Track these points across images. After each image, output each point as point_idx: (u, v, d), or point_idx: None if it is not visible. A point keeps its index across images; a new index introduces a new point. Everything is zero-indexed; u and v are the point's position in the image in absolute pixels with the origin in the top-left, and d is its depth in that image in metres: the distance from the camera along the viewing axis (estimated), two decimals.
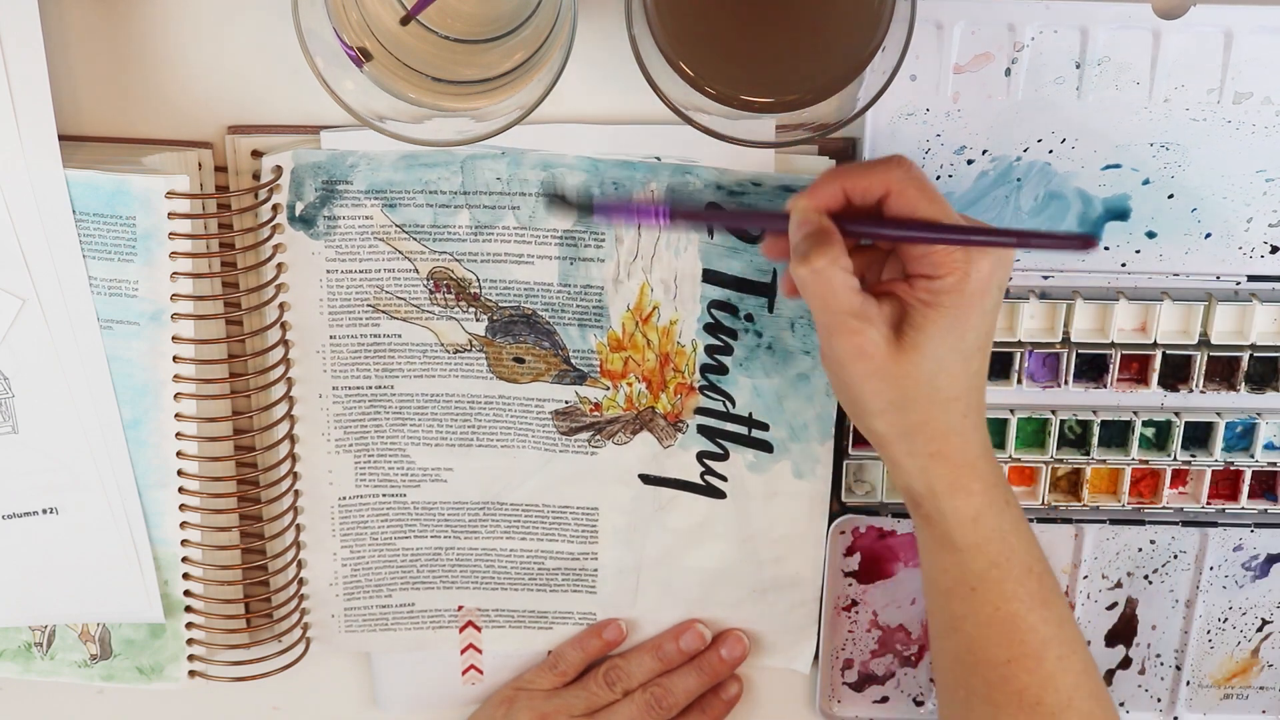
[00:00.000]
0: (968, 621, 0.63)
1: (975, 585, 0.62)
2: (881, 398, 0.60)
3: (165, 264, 0.66)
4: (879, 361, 0.59)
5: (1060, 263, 0.70)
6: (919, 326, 0.59)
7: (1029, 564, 0.62)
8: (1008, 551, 0.62)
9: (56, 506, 0.70)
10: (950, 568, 0.63)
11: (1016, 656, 0.62)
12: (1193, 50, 0.65)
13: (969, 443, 0.61)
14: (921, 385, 0.59)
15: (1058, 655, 0.62)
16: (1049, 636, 0.62)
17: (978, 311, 0.59)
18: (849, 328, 0.58)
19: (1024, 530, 0.63)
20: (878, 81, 0.57)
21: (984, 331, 0.60)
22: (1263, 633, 0.77)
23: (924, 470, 0.61)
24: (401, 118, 0.59)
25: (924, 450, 0.61)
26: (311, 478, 0.74)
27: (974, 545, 0.62)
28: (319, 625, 0.77)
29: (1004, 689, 0.62)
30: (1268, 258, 0.70)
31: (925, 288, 0.59)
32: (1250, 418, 0.72)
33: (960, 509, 0.61)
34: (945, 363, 0.59)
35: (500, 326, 0.71)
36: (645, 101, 0.57)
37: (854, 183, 0.59)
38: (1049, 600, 0.63)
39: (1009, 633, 0.62)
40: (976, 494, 0.61)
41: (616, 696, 0.76)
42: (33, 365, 0.67)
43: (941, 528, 0.62)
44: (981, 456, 0.62)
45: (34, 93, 0.62)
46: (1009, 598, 0.62)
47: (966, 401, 0.60)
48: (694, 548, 0.75)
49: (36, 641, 0.75)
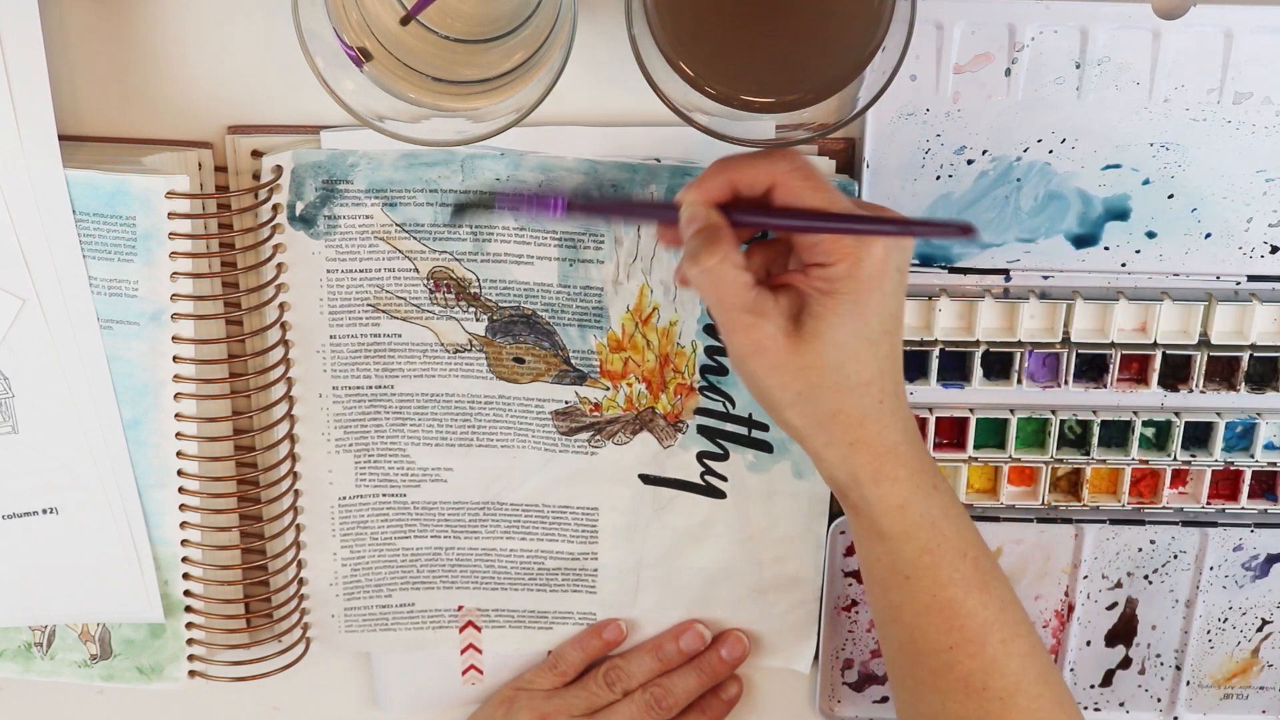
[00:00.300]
0: (905, 610, 0.62)
1: (909, 573, 0.61)
2: (789, 390, 0.59)
3: (165, 264, 0.66)
4: (778, 355, 0.58)
5: (1060, 263, 0.70)
6: (818, 315, 0.58)
7: (962, 548, 0.62)
8: (938, 537, 0.61)
9: (56, 506, 0.70)
10: (882, 556, 0.62)
11: (958, 643, 0.61)
12: (1193, 50, 0.65)
13: (887, 428, 0.60)
14: (828, 374, 0.59)
15: (1000, 639, 0.61)
16: (990, 620, 0.61)
17: (877, 295, 0.58)
18: (744, 324, 0.58)
19: (955, 514, 0.62)
20: (878, 81, 0.57)
21: (887, 314, 0.59)
22: (1263, 633, 0.77)
23: (845, 460, 0.60)
24: (401, 118, 0.59)
25: (842, 439, 0.60)
26: (311, 478, 0.74)
27: (903, 533, 0.61)
28: (319, 625, 0.77)
29: (948, 676, 0.62)
30: (1268, 258, 0.70)
31: (820, 276, 0.58)
32: (1250, 418, 0.72)
33: (885, 497, 0.61)
34: (850, 349, 0.59)
35: (500, 326, 0.71)
36: (645, 102, 0.57)
37: (740, 174, 0.59)
38: (987, 584, 0.62)
39: (948, 619, 0.61)
40: (901, 480, 0.60)
41: (616, 696, 0.76)
42: (33, 365, 0.67)
43: (869, 516, 0.61)
44: (903, 442, 0.61)
45: (34, 93, 0.62)
46: (944, 584, 0.61)
47: (880, 386, 0.60)
48: (694, 548, 0.75)
49: (36, 641, 0.75)
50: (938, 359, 0.71)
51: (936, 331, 0.70)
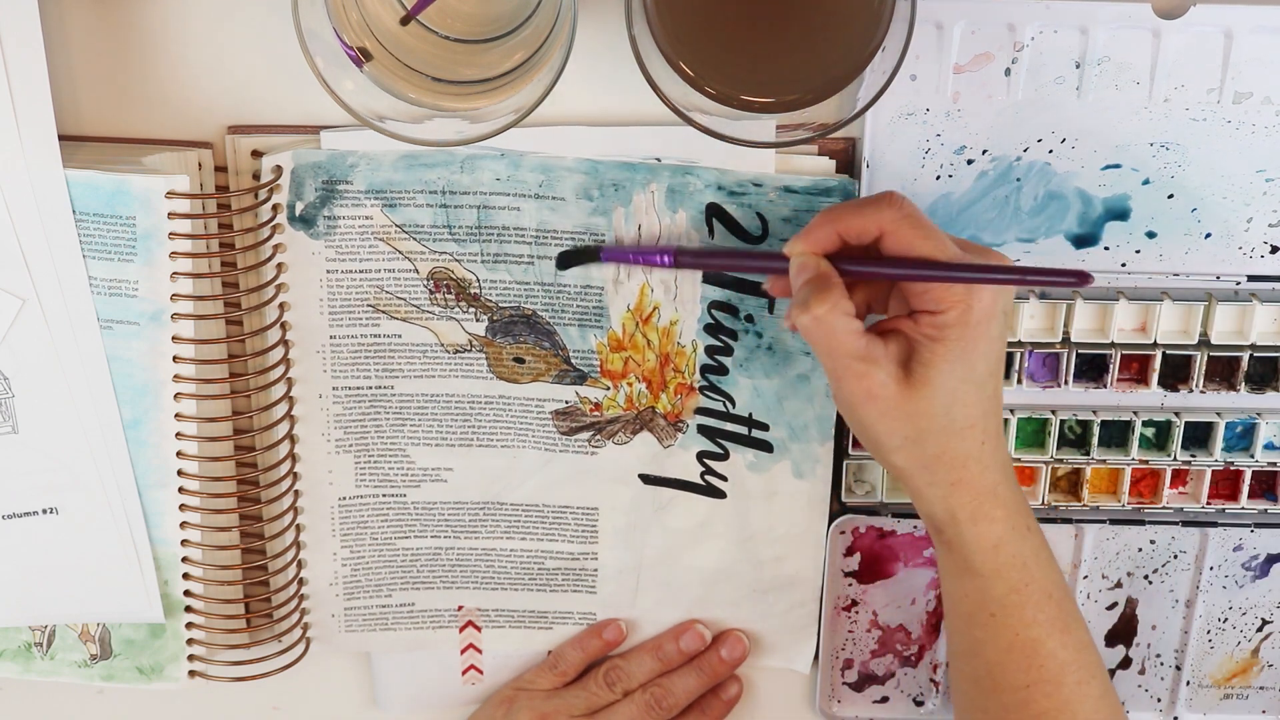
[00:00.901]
0: (988, 646, 0.63)
1: (995, 611, 0.63)
2: (897, 435, 0.60)
3: (165, 264, 0.66)
4: (889, 401, 0.59)
5: (1060, 262, 0.70)
6: (927, 362, 0.59)
7: (1049, 590, 0.63)
8: (1028, 577, 0.62)
9: (56, 506, 0.70)
10: (971, 593, 0.63)
11: (1035, 681, 0.62)
12: (1193, 50, 0.65)
13: (988, 469, 0.61)
14: (936, 418, 0.60)
15: (1076, 680, 0.63)
16: (1067, 661, 0.63)
17: (985, 340, 0.59)
18: (856, 371, 0.59)
19: (1044, 556, 0.63)
20: (878, 81, 0.57)
21: (994, 358, 0.60)
22: (1263, 633, 0.77)
23: (945, 499, 0.61)
24: (401, 118, 0.59)
25: (944, 480, 0.61)
26: (311, 478, 0.74)
27: (995, 571, 0.62)
28: (319, 625, 0.77)
29: (1023, 713, 0.63)
30: (1268, 258, 0.70)
31: (929, 323, 0.59)
32: (1250, 418, 0.72)
33: (982, 536, 0.62)
34: (958, 394, 0.60)
35: (500, 327, 0.71)
36: (645, 102, 0.57)
37: (848, 225, 0.60)
38: (1069, 625, 0.63)
39: (1028, 658, 0.62)
40: (998, 521, 0.62)
41: (616, 697, 0.76)
42: (33, 365, 0.67)
43: (963, 554, 0.62)
44: (1002, 482, 0.62)
45: (34, 93, 0.62)
46: (1029, 623, 0.62)
47: (984, 428, 0.61)
48: (694, 548, 0.75)
49: (36, 641, 0.75)
50: None
51: None
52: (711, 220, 0.68)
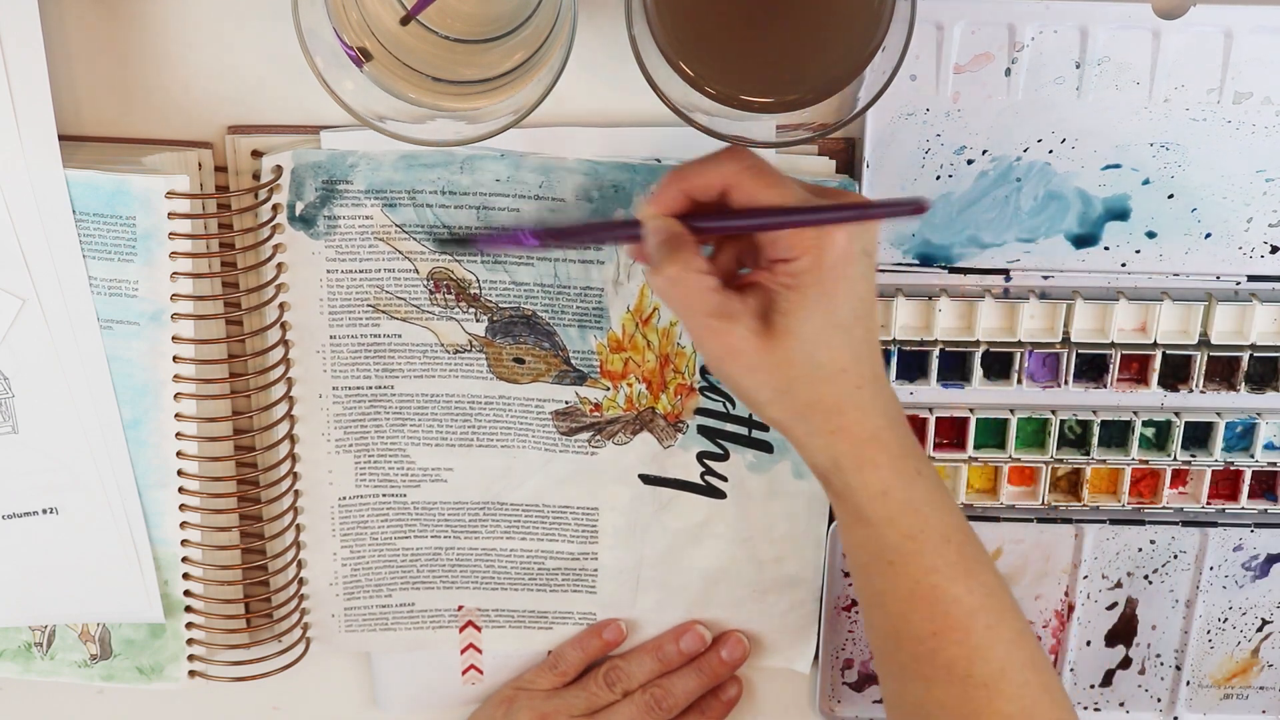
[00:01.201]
0: (889, 596, 0.62)
1: (892, 559, 0.61)
2: (766, 387, 0.59)
3: (165, 264, 0.66)
4: (752, 355, 0.58)
5: (1060, 263, 0.70)
6: (785, 311, 0.58)
7: (945, 534, 0.61)
8: (921, 523, 0.61)
9: (56, 506, 0.70)
10: (866, 542, 0.62)
11: (942, 629, 0.61)
12: (1193, 50, 0.65)
13: (867, 414, 0.60)
14: (802, 366, 0.58)
15: (986, 625, 0.61)
16: (975, 606, 0.61)
17: (844, 282, 0.58)
18: (714, 329, 0.58)
19: (939, 500, 0.62)
20: (878, 81, 0.57)
21: (857, 299, 0.59)
22: (1263, 633, 0.77)
23: (827, 447, 0.60)
24: (401, 118, 0.59)
25: (823, 428, 0.60)
26: (311, 478, 0.74)
27: (886, 519, 0.61)
28: (319, 625, 0.77)
29: (932, 662, 0.61)
30: (1268, 258, 0.70)
31: (784, 271, 0.58)
32: (1250, 418, 0.72)
33: (868, 483, 0.60)
34: (822, 339, 0.58)
35: (500, 327, 0.71)
36: (645, 102, 0.57)
37: (692, 182, 0.59)
38: (972, 569, 0.61)
39: (931, 605, 0.61)
40: (883, 466, 0.60)
41: (616, 697, 0.76)
42: (33, 365, 0.67)
43: (852, 502, 0.61)
44: (885, 427, 0.60)
45: (34, 93, 0.62)
46: (928, 570, 0.61)
47: (857, 373, 0.59)
48: (694, 548, 0.75)
49: (36, 641, 0.75)
50: (938, 359, 0.71)
51: (936, 331, 0.70)
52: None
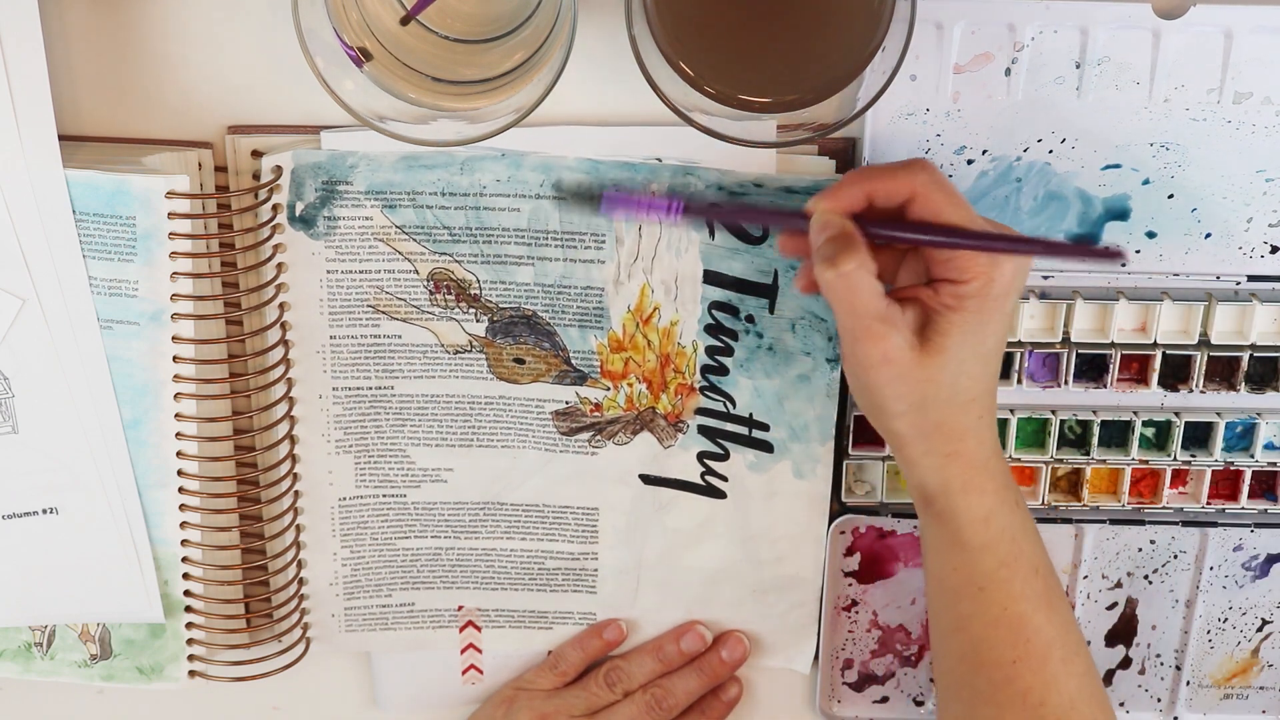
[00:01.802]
0: (975, 621, 0.63)
1: (984, 585, 0.62)
2: (904, 400, 0.60)
3: (165, 264, 0.66)
4: (902, 366, 0.59)
5: (1060, 263, 0.70)
6: (943, 331, 0.59)
7: (1036, 565, 0.63)
8: (1016, 552, 0.62)
9: (56, 506, 0.70)
10: (960, 567, 0.63)
11: (1022, 657, 0.62)
12: (1193, 50, 0.65)
13: (983, 443, 0.62)
14: (943, 388, 0.60)
15: (1061, 657, 0.63)
16: (1053, 638, 0.63)
17: (999, 315, 0.60)
18: (874, 332, 0.59)
19: (1032, 532, 0.63)
20: (878, 81, 0.57)
21: (1003, 335, 0.61)
22: (1263, 633, 0.77)
23: (939, 469, 0.61)
24: (401, 118, 0.59)
25: (941, 450, 0.61)
26: (311, 478, 0.74)
27: (984, 545, 0.62)
28: (319, 625, 0.77)
29: (1008, 690, 0.62)
30: (1268, 258, 0.70)
31: (950, 292, 0.59)
32: (1250, 418, 0.72)
33: (973, 508, 0.62)
34: (967, 365, 0.60)
35: (500, 327, 0.71)
36: (646, 102, 0.57)
37: (877, 186, 0.59)
38: (1054, 603, 0.63)
39: (1015, 633, 0.62)
40: (989, 493, 0.62)
41: (617, 697, 0.76)
42: (33, 365, 0.67)
43: (953, 526, 0.62)
44: (994, 457, 0.62)
45: (34, 93, 0.62)
46: (1016, 598, 0.62)
47: (983, 404, 0.61)
48: (694, 548, 0.75)
49: (36, 641, 0.75)
50: None
51: None
52: (712, 221, 0.68)
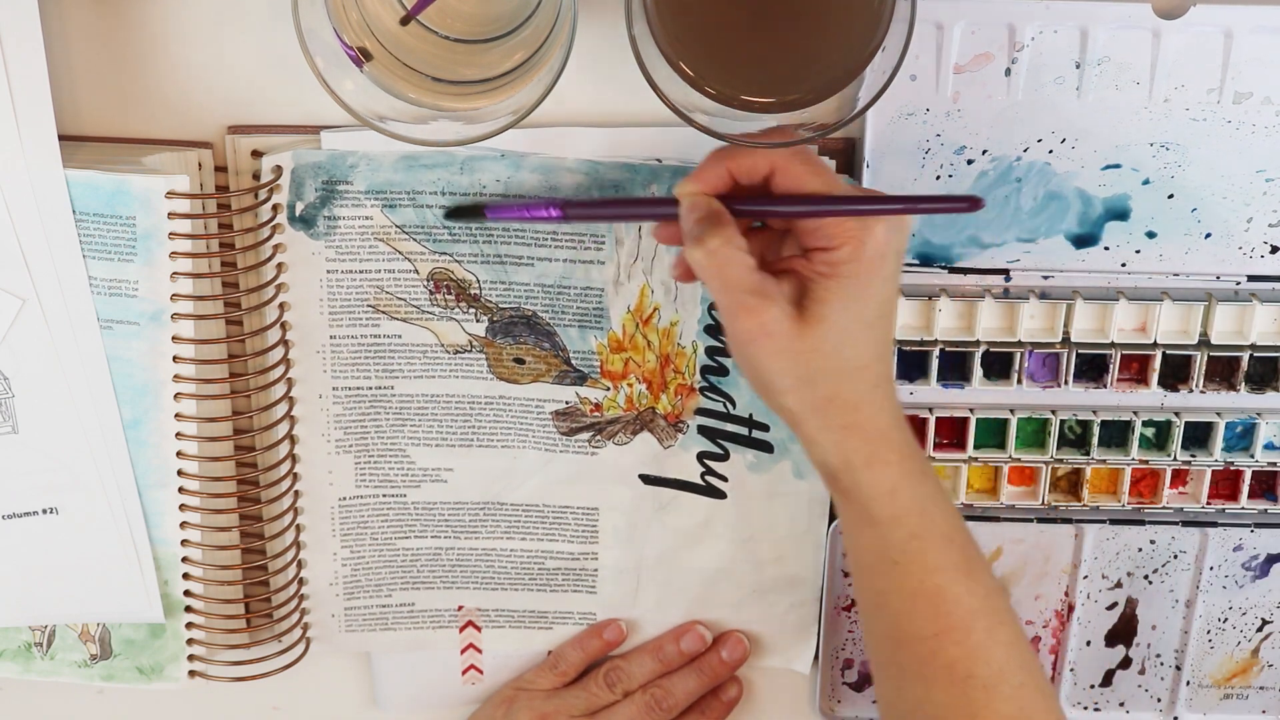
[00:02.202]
0: (892, 596, 0.62)
1: (897, 559, 0.61)
2: (789, 374, 0.59)
3: (165, 264, 0.66)
4: (782, 338, 0.58)
5: (1060, 263, 0.70)
6: (820, 299, 0.59)
7: (949, 534, 0.62)
8: (927, 522, 0.61)
9: (56, 506, 0.70)
10: (872, 542, 0.62)
11: (944, 629, 0.61)
12: (1193, 50, 0.65)
13: (881, 413, 0.61)
14: (828, 358, 0.59)
15: (986, 627, 0.61)
16: (976, 608, 0.61)
17: (878, 279, 0.59)
18: (749, 306, 0.58)
19: (942, 501, 0.62)
20: (878, 81, 0.57)
21: (885, 298, 0.60)
22: (1263, 633, 0.77)
23: (838, 444, 0.61)
24: (401, 118, 0.59)
25: (836, 423, 0.60)
26: (311, 478, 0.74)
27: (893, 517, 0.61)
28: (319, 625, 0.77)
29: (933, 663, 0.61)
30: (1268, 258, 0.70)
31: (822, 260, 0.59)
32: (1250, 418, 0.72)
33: (878, 481, 0.61)
34: (850, 332, 0.59)
35: (500, 327, 0.71)
36: (645, 102, 0.57)
37: (738, 162, 0.59)
38: (973, 571, 0.62)
39: (934, 605, 0.61)
40: (893, 464, 0.61)
41: (617, 697, 0.76)
42: (33, 365, 0.67)
43: (860, 501, 0.61)
44: (894, 427, 0.61)
45: (34, 93, 0.62)
46: (932, 569, 0.61)
47: (875, 371, 0.60)
48: (694, 548, 0.75)
49: (36, 641, 0.75)
50: (938, 359, 0.71)
51: (936, 331, 0.70)
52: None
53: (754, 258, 0.60)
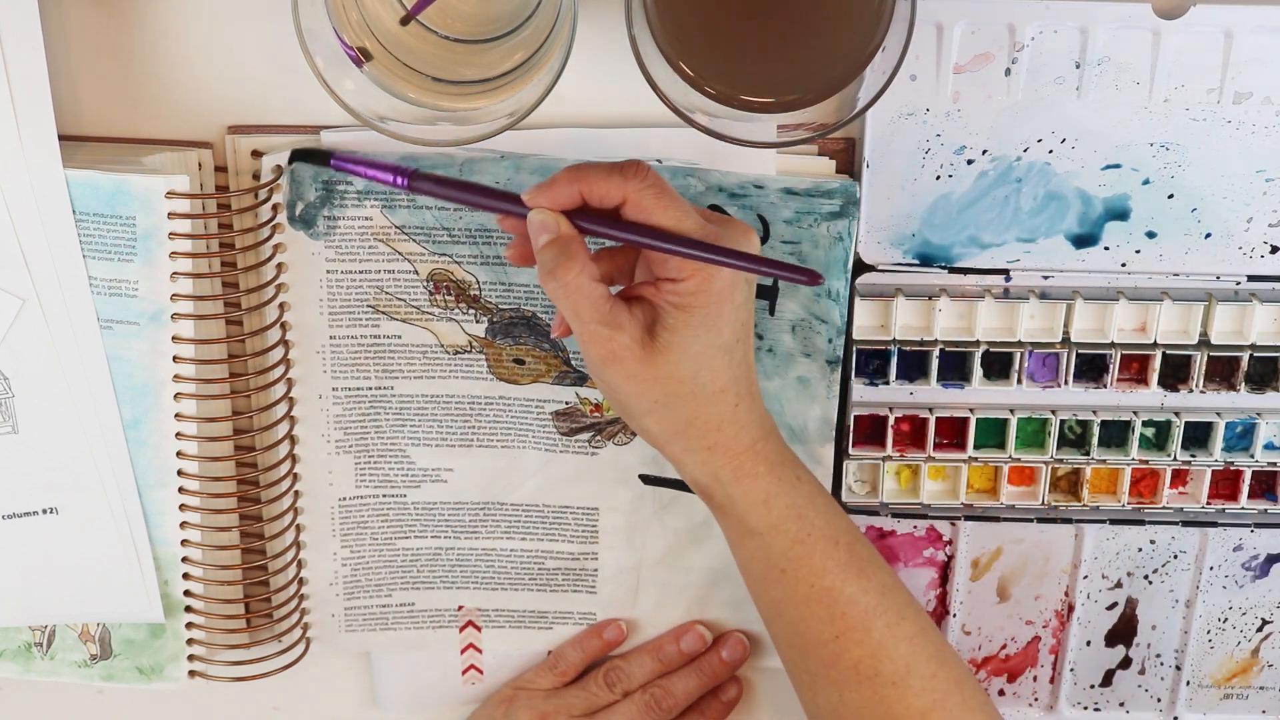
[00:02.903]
0: (787, 604, 0.63)
1: (784, 567, 0.62)
2: (646, 398, 0.60)
3: (165, 264, 0.66)
4: (634, 365, 0.59)
5: (1060, 263, 0.70)
6: (671, 328, 0.59)
7: (834, 536, 0.62)
8: (807, 527, 0.62)
9: (56, 506, 0.70)
10: (756, 553, 0.63)
11: (842, 631, 0.62)
12: (1193, 50, 0.65)
13: (744, 429, 0.61)
14: (684, 383, 0.60)
15: (885, 623, 0.62)
16: (871, 605, 0.62)
17: (729, 307, 0.59)
18: (601, 336, 0.59)
19: (823, 504, 0.63)
20: (878, 81, 0.57)
21: (739, 323, 0.60)
22: (1263, 633, 0.77)
23: (705, 463, 0.61)
24: (401, 118, 0.59)
25: (700, 445, 0.61)
26: (311, 478, 0.74)
27: (771, 526, 0.62)
28: (319, 625, 0.77)
29: (838, 665, 0.62)
30: (1268, 258, 0.70)
31: (671, 290, 0.59)
32: (1250, 418, 0.72)
33: (749, 493, 0.61)
34: (704, 359, 0.59)
35: (500, 328, 0.71)
36: (646, 103, 0.57)
37: (592, 188, 0.59)
38: (865, 569, 0.62)
39: (829, 607, 0.62)
40: (761, 475, 0.61)
41: (616, 697, 0.76)
42: (33, 365, 0.67)
43: (736, 515, 0.62)
44: (761, 439, 0.62)
45: (34, 93, 0.62)
46: (820, 572, 0.62)
47: (735, 392, 0.61)
48: (694, 548, 0.75)
49: (36, 641, 0.75)
50: (938, 359, 0.71)
51: (936, 331, 0.70)
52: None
53: (605, 277, 0.60)
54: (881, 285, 0.70)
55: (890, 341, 0.71)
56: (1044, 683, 0.78)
